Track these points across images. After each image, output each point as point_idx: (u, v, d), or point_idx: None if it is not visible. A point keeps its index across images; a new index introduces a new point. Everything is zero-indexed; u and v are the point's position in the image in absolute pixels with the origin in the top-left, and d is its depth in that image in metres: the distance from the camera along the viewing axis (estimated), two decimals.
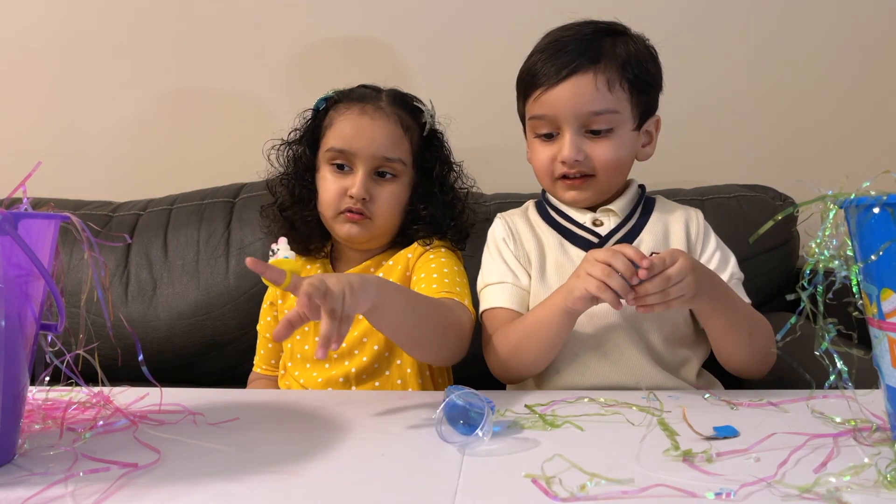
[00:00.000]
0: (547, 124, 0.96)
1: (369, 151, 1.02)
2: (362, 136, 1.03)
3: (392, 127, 1.04)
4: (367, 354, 1.02)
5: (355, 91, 1.09)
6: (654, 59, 0.99)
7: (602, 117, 0.93)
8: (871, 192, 0.55)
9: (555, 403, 0.80)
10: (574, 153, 0.93)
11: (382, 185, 1.04)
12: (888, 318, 0.56)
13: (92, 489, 0.57)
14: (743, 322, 0.89)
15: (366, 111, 1.04)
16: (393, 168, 1.04)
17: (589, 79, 0.92)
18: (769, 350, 0.89)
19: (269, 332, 1.14)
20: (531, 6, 1.55)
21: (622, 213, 0.98)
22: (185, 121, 1.67)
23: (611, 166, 0.95)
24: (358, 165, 1.03)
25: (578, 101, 0.92)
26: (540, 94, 0.95)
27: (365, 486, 0.58)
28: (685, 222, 0.99)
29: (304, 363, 1.07)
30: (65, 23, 1.67)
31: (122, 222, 1.45)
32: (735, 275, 0.96)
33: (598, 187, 0.97)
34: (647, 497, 0.53)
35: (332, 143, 1.04)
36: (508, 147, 1.15)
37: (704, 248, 0.98)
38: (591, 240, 0.97)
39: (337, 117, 1.06)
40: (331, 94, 1.10)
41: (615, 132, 0.94)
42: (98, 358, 0.70)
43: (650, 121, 0.99)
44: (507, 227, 1.02)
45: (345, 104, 1.07)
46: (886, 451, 0.61)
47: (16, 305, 0.60)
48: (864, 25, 1.54)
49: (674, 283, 0.79)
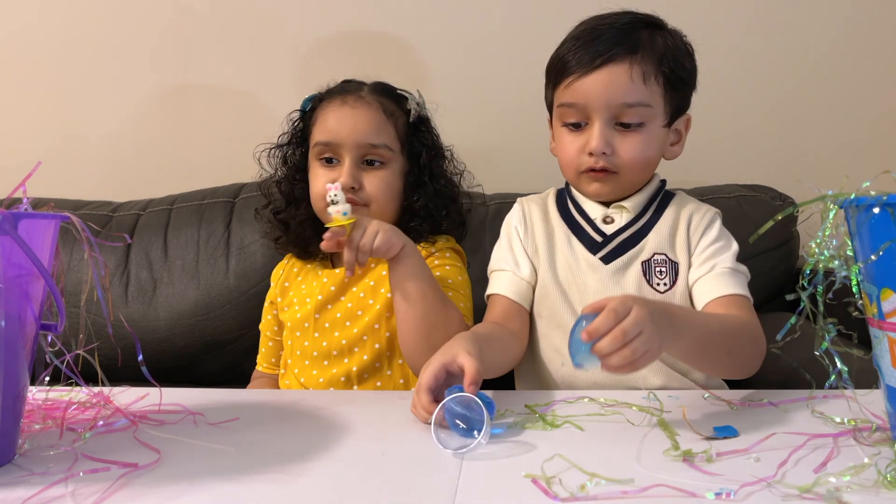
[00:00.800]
0: (576, 113, 0.93)
1: (353, 139, 1.03)
2: (345, 126, 1.04)
3: (374, 114, 1.05)
4: (367, 353, 1.02)
5: (337, 87, 1.11)
6: (690, 55, 0.97)
7: (634, 110, 0.91)
8: (871, 192, 0.55)
9: (555, 403, 0.80)
10: (602, 145, 0.91)
11: (371, 173, 1.04)
12: (888, 318, 0.56)
13: (92, 489, 0.57)
14: (719, 344, 0.81)
15: (346, 101, 1.06)
16: (380, 154, 1.04)
17: (624, 69, 0.90)
18: (755, 354, 0.85)
19: (270, 330, 1.15)
20: (534, 7, 1.55)
21: (635, 210, 0.97)
22: (185, 121, 1.67)
23: (637, 163, 0.93)
24: (344, 155, 1.04)
25: (611, 91, 0.90)
26: (572, 82, 0.92)
27: (365, 486, 0.58)
28: (689, 217, 0.97)
29: (303, 360, 1.07)
30: (64, 22, 1.67)
31: (122, 222, 1.44)
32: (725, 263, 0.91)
33: (621, 184, 0.96)
34: (647, 497, 0.53)
35: (318, 138, 1.06)
36: (509, 146, 1.15)
37: (701, 240, 0.95)
38: (595, 238, 0.97)
39: (321, 113, 1.08)
40: (315, 94, 1.12)
41: (645, 127, 0.92)
42: (98, 358, 0.70)
43: (681, 119, 0.98)
44: (523, 213, 1.02)
45: (327, 100, 1.08)
46: (886, 451, 0.61)
47: (16, 305, 0.60)
48: (865, 25, 1.54)
49: (631, 337, 0.65)
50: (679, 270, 0.94)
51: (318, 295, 1.06)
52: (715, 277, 0.91)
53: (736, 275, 0.92)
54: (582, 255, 0.96)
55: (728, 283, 0.91)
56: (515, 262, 0.98)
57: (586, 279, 0.95)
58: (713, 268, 0.92)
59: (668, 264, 0.94)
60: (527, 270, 0.97)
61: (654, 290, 0.93)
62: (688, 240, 0.96)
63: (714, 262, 0.93)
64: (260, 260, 1.37)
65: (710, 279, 0.91)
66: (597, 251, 0.96)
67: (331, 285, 1.07)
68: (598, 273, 0.95)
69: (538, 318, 0.98)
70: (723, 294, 0.90)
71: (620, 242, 0.96)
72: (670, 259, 0.94)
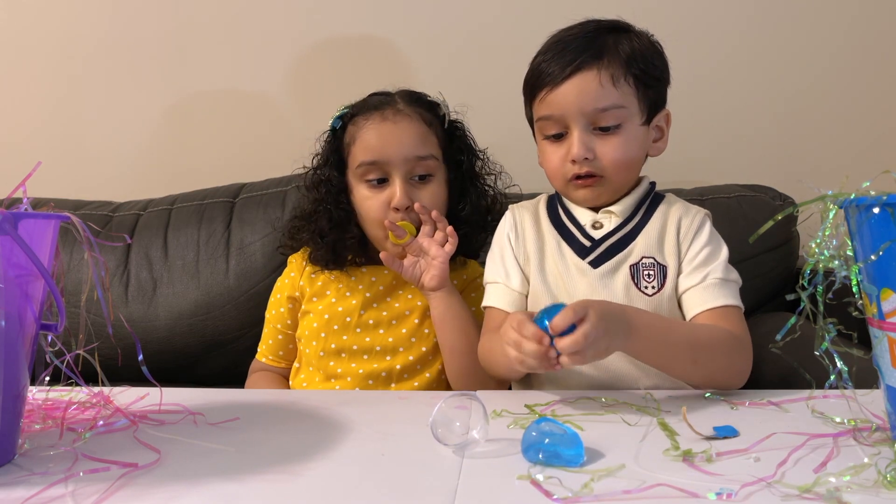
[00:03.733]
0: (555, 124, 0.95)
1: (401, 155, 1.02)
2: (390, 142, 1.02)
3: (416, 125, 1.04)
4: (413, 353, 1.05)
5: (368, 101, 1.08)
6: (659, 53, 0.98)
7: (609, 113, 0.92)
8: (871, 192, 0.55)
9: (555, 403, 0.80)
10: (583, 150, 0.92)
11: (422, 189, 1.04)
12: (888, 318, 0.56)
13: (92, 489, 0.57)
14: (679, 353, 0.84)
15: (386, 117, 1.04)
16: (427, 167, 1.04)
17: (593, 75, 0.92)
18: (730, 367, 0.86)
19: (283, 323, 1.14)
20: (531, 9, 1.55)
21: (623, 214, 0.97)
22: (185, 121, 1.67)
23: (620, 164, 0.94)
24: (393, 173, 1.02)
25: (584, 98, 0.92)
26: (545, 95, 0.94)
27: (365, 486, 0.58)
28: (678, 220, 0.97)
29: (338, 353, 1.06)
30: (65, 22, 1.67)
31: (122, 222, 1.45)
32: (715, 274, 0.91)
33: (611, 186, 0.96)
34: (647, 497, 0.53)
35: (361, 158, 1.03)
36: (508, 146, 1.15)
37: (691, 246, 0.95)
38: (584, 243, 0.97)
39: (358, 132, 1.05)
40: (344, 110, 1.08)
41: (623, 128, 0.94)
42: (98, 358, 0.70)
43: (659, 115, 0.98)
44: (514, 221, 1.03)
45: (362, 116, 1.06)
46: (886, 451, 0.61)
47: (16, 305, 0.60)
48: (865, 25, 1.54)
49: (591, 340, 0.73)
50: (667, 274, 0.94)
51: (365, 292, 1.08)
52: (705, 289, 0.91)
53: (727, 284, 0.92)
54: (571, 260, 0.97)
55: (718, 294, 0.91)
56: (506, 274, 0.99)
57: (576, 284, 0.95)
58: (704, 278, 0.92)
59: (657, 268, 0.95)
60: (517, 281, 0.98)
61: (643, 294, 0.93)
62: (678, 245, 0.96)
63: (705, 271, 0.92)
64: (260, 260, 1.37)
65: (701, 290, 0.92)
66: (585, 255, 0.96)
67: (379, 285, 1.09)
68: (587, 277, 0.95)
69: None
70: (712, 306, 0.90)
71: (609, 247, 0.96)
72: (658, 262, 0.95)
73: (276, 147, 1.53)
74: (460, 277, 1.12)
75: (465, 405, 0.76)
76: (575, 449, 0.60)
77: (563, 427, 0.63)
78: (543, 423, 0.63)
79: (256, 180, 1.48)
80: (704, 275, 0.92)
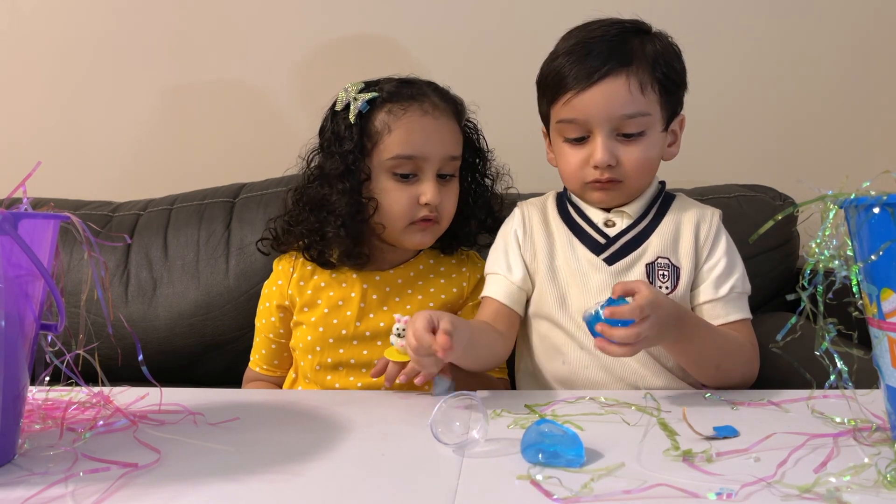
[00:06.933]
0: (577, 128, 0.94)
1: (440, 154, 0.99)
2: (433, 139, 0.99)
3: (453, 123, 1.02)
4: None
5: (402, 90, 1.01)
6: (678, 56, 0.97)
7: (635, 120, 0.92)
8: (871, 192, 0.55)
9: (555, 403, 0.80)
10: (607, 157, 0.92)
11: (447, 187, 1.02)
12: (888, 318, 0.56)
13: (92, 489, 0.57)
14: (709, 357, 0.87)
15: (426, 111, 0.99)
16: (455, 166, 1.03)
17: (622, 82, 0.91)
18: (743, 375, 0.89)
19: (275, 333, 1.10)
20: (532, 7, 1.55)
21: (635, 214, 0.97)
22: (185, 121, 1.67)
23: (641, 170, 0.94)
24: (427, 170, 0.99)
25: (611, 104, 0.91)
26: (570, 98, 0.92)
27: (365, 485, 0.58)
28: (696, 224, 0.97)
29: (335, 367, 1.03)
30: (65, 22, 1.67)
31: (122, 222, 1.44)
32: (736, 288, 0.94)
33: (628, 191, 0.96)
34: (647, 497, 0.53)
35: (398, 151, 0.98)
36: (509, 146, 1.15)
37: (711, 254, 0.96)
38: (598, 240, 0.97)
39: (395, 122, 0.98)
40: (372, 94, 1.00)
41: (646, 134, 0.93)
42: (98, 358, 0.70)
43: (676, 120, 0.99)
44: (523, 218, 1.02)
45: (399, 106, 0.99)
46: (886, 451, 0.61)
47: (16, 305, 0.60)
48: (865, 25, 1.54)
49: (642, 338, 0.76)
50: (680, 276, 0.94)
51: (359, 302, 1.03)
52: (728, 302, 0.94)
53: (744, 297, 0.95)
54: (584, 257, 0.96)
55: (738, 307, 0.94)
56: (508, 267, 0.99)
57: (588, 280, 0.95)
58: (729, 290, 0.94)
59: (671, 268, 0.95)
60: (519, 275, 0.98)
61: None
62: (695, 249, 0.96)
63: (728, 283, 0.94)
64: (260, 260, 1.37)
65: (724, 303, 0.94)
66: (600, 252, 0.96)
67: (372, 293, 1.04)
68: (601, 273, 0.95)
69: (537, 320, 0.98)
70: (731, 320, 0.93)
71: (624, 244, 0.96)
72: (672, 263, 0.95)
73: (276, 147, 1.52)
74: (459, 270, 1.09)
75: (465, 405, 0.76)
76: (575, 450, 0.60)
77: (562, 428, 0.63)
78: (543, 425, 0.63)
79: (256, 180, 1.48)
80: (728, 287, 0.94)
